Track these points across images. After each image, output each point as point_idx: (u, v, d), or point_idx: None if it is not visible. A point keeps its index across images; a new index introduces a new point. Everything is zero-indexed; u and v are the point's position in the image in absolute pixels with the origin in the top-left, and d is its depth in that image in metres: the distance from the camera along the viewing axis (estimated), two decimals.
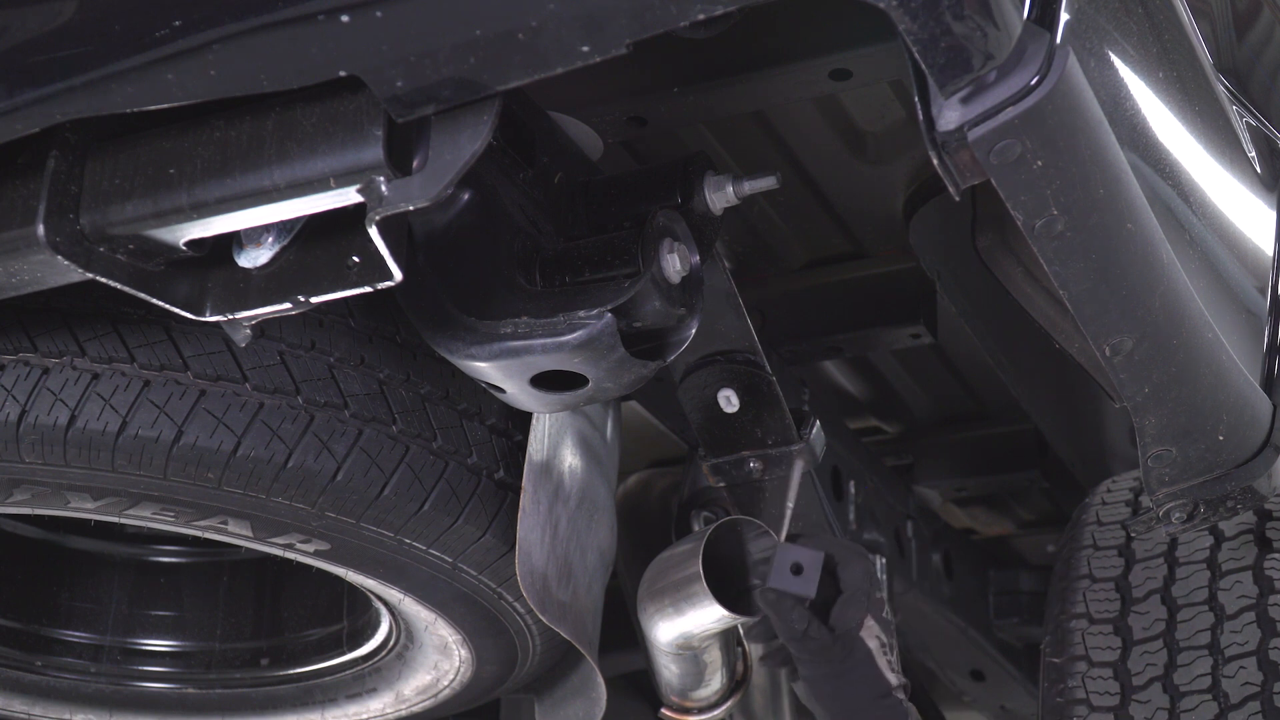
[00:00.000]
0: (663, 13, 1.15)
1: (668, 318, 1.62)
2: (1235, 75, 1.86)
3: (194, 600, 2.63)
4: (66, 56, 1.29)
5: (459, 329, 1.58)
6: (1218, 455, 1.72)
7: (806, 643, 1.81)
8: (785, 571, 1.82)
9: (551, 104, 1.70)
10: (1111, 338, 1.47)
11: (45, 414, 1.72)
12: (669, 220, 1.63)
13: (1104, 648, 2.14)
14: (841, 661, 1.82)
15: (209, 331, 1.75)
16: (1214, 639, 2.07)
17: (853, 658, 1.83)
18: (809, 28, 1.66)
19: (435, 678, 2.31)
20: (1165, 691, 2.06)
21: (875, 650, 1.84)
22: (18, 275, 1.43)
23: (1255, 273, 1.83)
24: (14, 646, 2.53)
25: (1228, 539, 2.19)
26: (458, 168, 1.28)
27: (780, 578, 1.82)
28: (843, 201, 2.16)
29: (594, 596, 2.02)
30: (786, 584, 1.81)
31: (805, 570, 1.82)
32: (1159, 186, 1.52)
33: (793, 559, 1.83)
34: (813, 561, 1.82)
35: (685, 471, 2.19)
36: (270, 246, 1.45)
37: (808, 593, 1.81)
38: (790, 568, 1.82)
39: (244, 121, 1.34)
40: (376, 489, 1.79)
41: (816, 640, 1.81)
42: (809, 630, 1.80)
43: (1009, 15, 1.18)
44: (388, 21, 1.18)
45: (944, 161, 1.25)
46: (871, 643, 1.84)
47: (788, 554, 1.84)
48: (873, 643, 1.84)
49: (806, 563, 1.82)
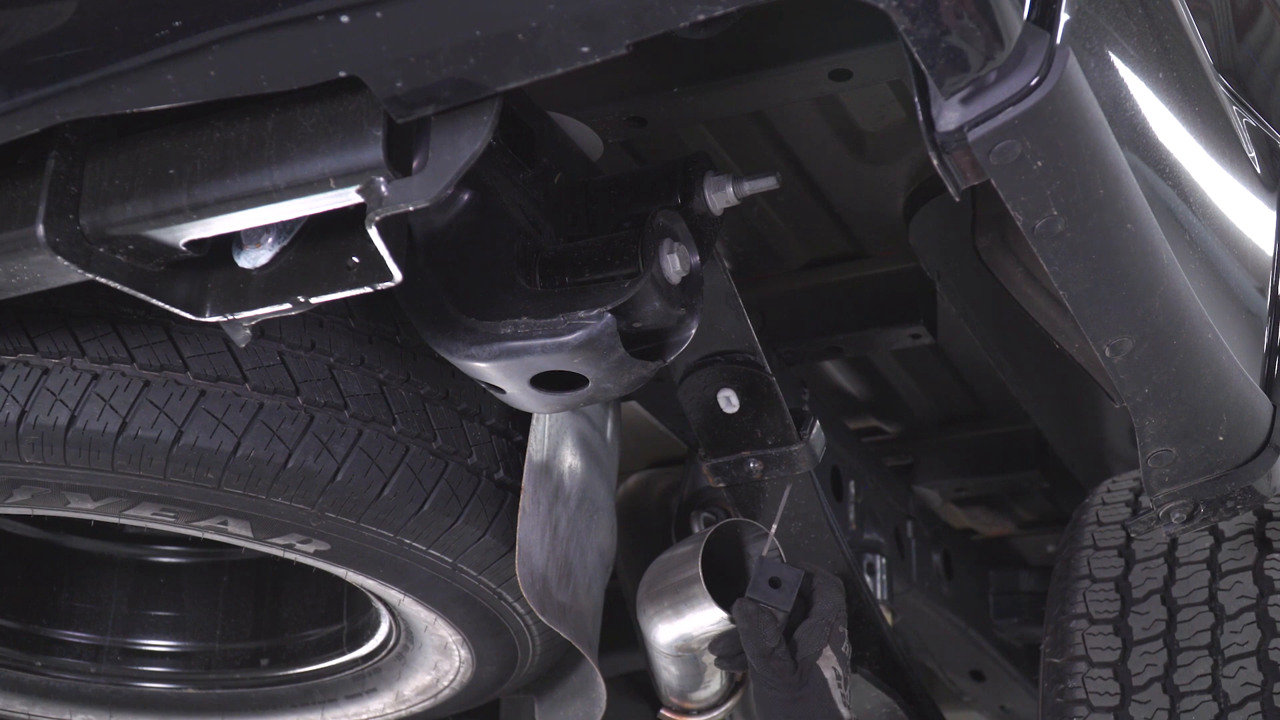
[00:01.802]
0: (662, 13, 1.15)
1: (668, 318, 1.62)
2: (1235, 75, 1.86)
3: (194, 600, 2.63)
4: (66, 56, 1.29)
5: (459, 329, 1.58)
6: (1218, 455, 1.72)
7: (771, 661, 1.82)
8: (764, 584, 1.83)
9: (551, 104, 1.70)
10: (1111, 338, 1.47)
11: (45, 414, 1.72)
12: (669, 220, 1.63)
13: (1104, 648, 2.14)
14: (798, 687, 1.84)
15: (209, 332, 1.75)
16: (1214, 639, 2.07)
17: (808, 685, 1.84)
18: (809, 28, 1.66)
19: (435, 678, 2.31)
20: (1165, 692, 2.06)
21: (830, 681, 1.85)
22: (18, 275, 1.43)
23: (1255, 273, 1.83)
24: (14, 646, 2.53)
25: (1228, 539, 2.19)
26: (458, 168, 1.28)
27: (758, 589, 1.83)
28: (843, 201, 2.16)
29: (594, 597, 2.02)
30: (764, 596, 1.83)
31: (784, 586, 1.84)
32: (1159, 186, 1.52)
33: (772, 573, 1.84)
34: (792, 579, 1.84)
35: (685, 471, 2.20)
36: (270, 247, 1.45)
37: (784, 607, 1.82)
38: (769, 581, 1.83)
39: (244, 122, 1.34)
40: (376, 489, 1.79)
41: (780, 661, 1.82)
42: (776, 650, 1.82)
43: (1009, 16, 1.18)
44: (387, 22, 1.18)
45: (944, 162, 1.25)
46: (828, 673, 1.85)
47: (768, 568, 1.85)
48: (829, 673, 1.85)
49: (786, 579, 1.84)
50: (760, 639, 1.82)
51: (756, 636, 1.82)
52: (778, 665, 1.83)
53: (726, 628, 1.92)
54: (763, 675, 1.85)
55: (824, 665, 1.85)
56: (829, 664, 1.86)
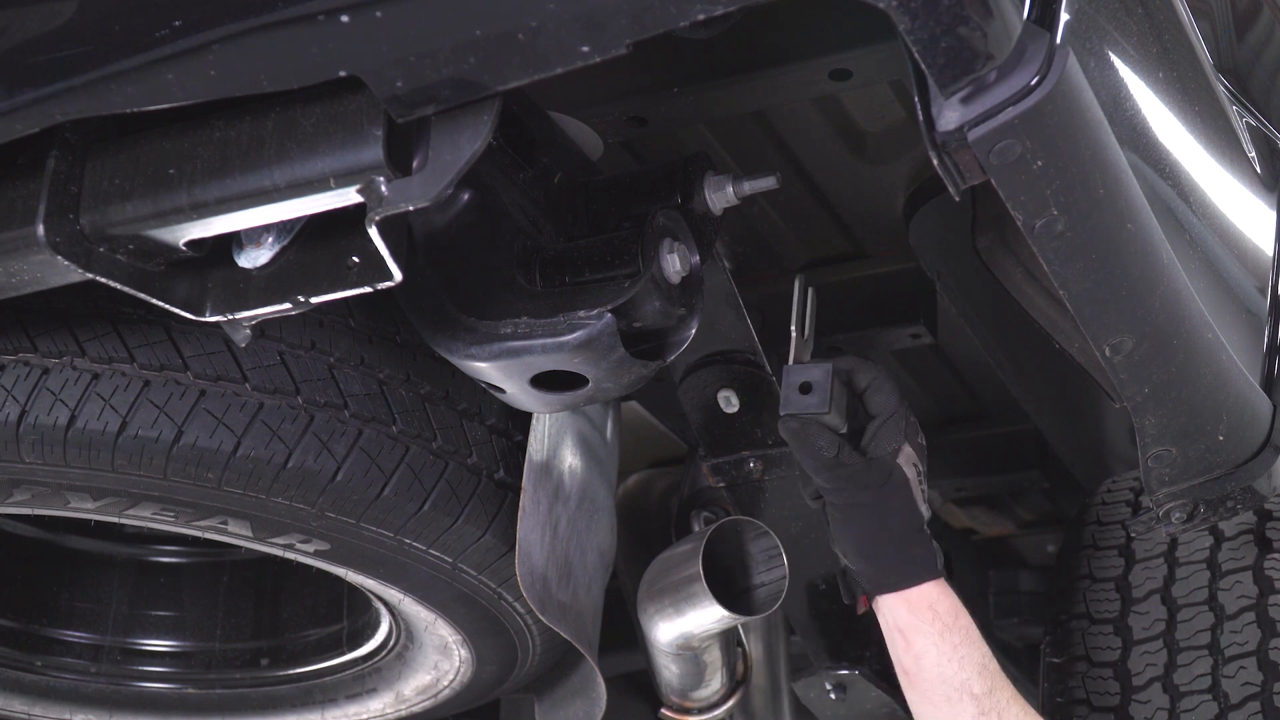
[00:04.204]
0: (663, 13, 1.15)
1: (668, 318, 1.62)
2: (1235, 75, 1.86)
3: (194, 600, 2.63)
4: (66, 56, 1.29)
5: (459, 329, 1.58)
6: (1218, 455, 1.72)
7: (838, 470, 1.65)
8: (795, 393, 1.64)
9: (551, 104, 1.70)
10: (1111, 338, 1.47)
11: (45, 414, 1.72)
12: (669, 220, 1.63)
13: (1104, 648, 2.14)
14: (879, 488, 1.67)
15: (209, 331, 1.75)
16: (1214, 639, 2.07)
17: (890, 484, 1.68)
18: (809, 28, 1.66)
19: (435, 678, 2.31)
20: (1165, 691, 2.06)
21: (912, 479, 1.70)
22: (18, 275, 1.43)
23: (1255, 273, 1.83)
24: (14, 646, 2.53)
25: (1228, 539, 2.20)
26: (458, 168, 1.28)
27: (791, 401, 1.64)
28: (843, 201, 2.16)
29: (594, 596, 2.02)
30: (798, 405, 1.63)
31: (815, 387, 1.64)
32: (1159, 186, 1.52)
33: (799, 379, 1.64)
34: (822, 376, 1.64)
35: (685, 471, 2.20)
36: (270, 247, 1.45)
37: (822, 409, 1.62)
38: (799, 388, 1.64)
39: (244, 121, 1.34)
40: (376, 489, 1.79)
41: (848, 466, 1.65)
42: (840, 456, 1.65)
43: (1009, 15, 1.18)
44: (388, 21, 1.18)
45: (944, 162, 1.25)
46: (909, 470, 1.70)
47: (793, 374, 1.65)
48: (909, 470, 1.70)
49: (815, 379, 1.64)
50: (816, 451, 1.65)
51: (812, 450, 1.65)
52: (849, 470, 1.65)
53: (727, 625, 1.92)
54: (835, 488, 1.68)
55: (904, 463, 1.70)
56: (909, 460, 1.70)
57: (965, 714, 1.71)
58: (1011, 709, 1.72)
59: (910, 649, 1.74)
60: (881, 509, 1.70)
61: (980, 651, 1.74)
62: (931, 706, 1.74)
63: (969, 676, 1.71)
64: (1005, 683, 1.74)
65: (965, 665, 1.72)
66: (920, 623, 1.74)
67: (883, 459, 1.69)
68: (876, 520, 1.70)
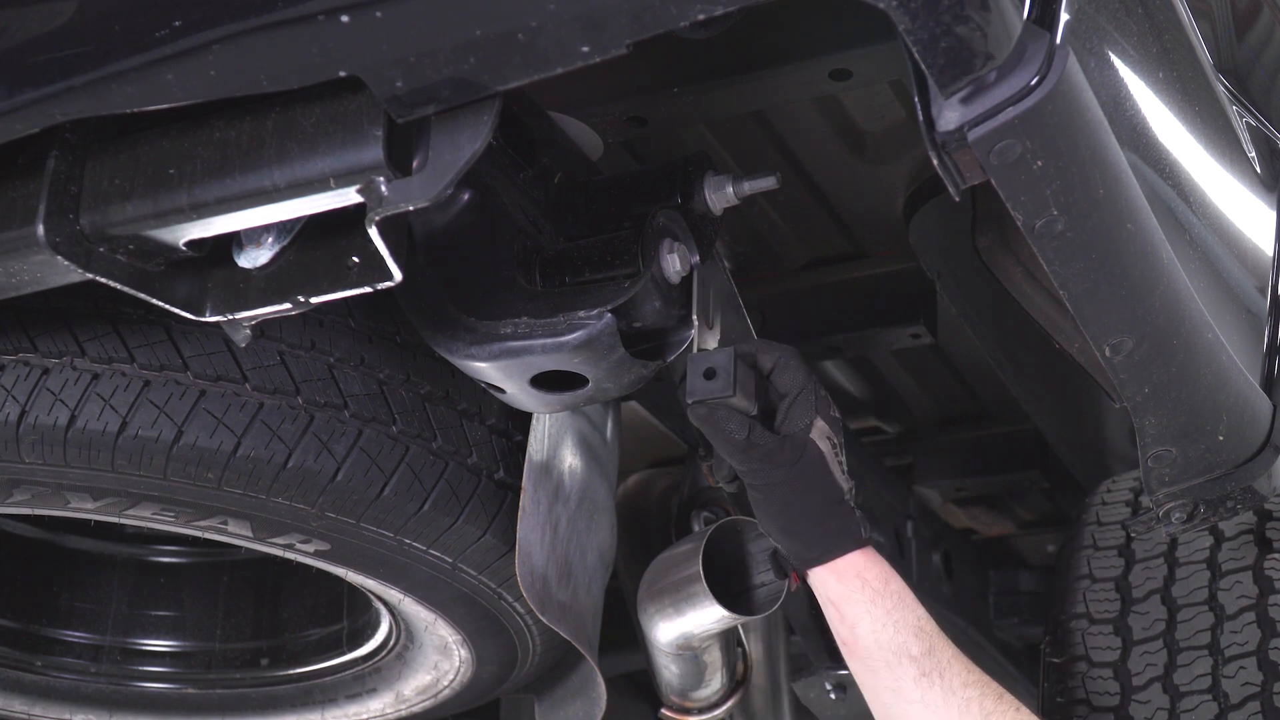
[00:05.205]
0: (662, 13, 1.15)
1: (668, 318, 1.62)
2: (1235, 75, 1.86)
3: (194, 600, 2.63)
4: (66, 56, 1.29)
5: (459, 329, 1.58)
6: (1218, 455, 1.72)
7: (751, 450, 1.68)
8: (699, 380, 1.68)
9: (551, 104, 1.70)
10: (1111, 338, 1.47)
11: (45, 414, 1.72)
12: (669, 220, 1.63)
13: (1104, 648, 2.14)
14: (793, 465, 1.69)
15: (209, 332, 1.75)
16: (1214, 639, 2.07)
17: (804, 460, 1.70)
18: (809, 28, 1.66)
19: (435, 678, 2.31)
20: (1165, 692, 2.06)
21: (827, 453, 1.72)
22: (18, 275, 1.43)
23: (1255, 273, 1.83)
24: (14, 646, 2.53)
25: (1228, 539, 2.20)
26: (458, 168, 1.28)
27: (696, 388, 1.68)
28: (843, 201, 2.16)
29: (594, 596, 2.02)
30: (703, 391, 1.67)
31: (719, 371, 1.68)
32: (1159, 186, 1.52)
33: (703, 365, 1.69)
34: (725, 360, 1.67)
35: (685, 471, 2.19)
36: (270, 247, 1.45)
37: (726, 392, 1.66)
38: (704, 374, 1.68)
39: (244, 121, 1.34)
40: (376, 489, 1.79)
41: (761, 446, 1.68)
42: (750, 436, 1.68)
43: (1009, 15, 1.18)
44: (388, 21, 1.18)
45: (944, 162, 1.25)
46: (823, 444, 1.72)
47: (697, 362, 1.69)
48: (824, 444, 1.72)
49: (718, 364, 1.68)
50: (727, 434, 1.67)
51: (722, 433, 1.67)
52: (762, 449, 1.68)
53: (727, 625, 1.92)
54: (750, 469, 1.70)
55: (818, 437, 1.71)
56: (822, 434, 1.71)
57: (906, 677, 1.71)
58: (954, 667, 1.72)
59: (844, 619, 1.75)
60: (798, 485, 1.71)
61: (914, 614, 1.74)
62: (872, 674, 1.74)
63: (905, 639, 1.72)
64: (945, 642, 1.74)
65: (900, 629, 1.72)
66: (850, 592, 1.73)
67: (795, 435, 1.70)
68: (795, 496, 1.72)
